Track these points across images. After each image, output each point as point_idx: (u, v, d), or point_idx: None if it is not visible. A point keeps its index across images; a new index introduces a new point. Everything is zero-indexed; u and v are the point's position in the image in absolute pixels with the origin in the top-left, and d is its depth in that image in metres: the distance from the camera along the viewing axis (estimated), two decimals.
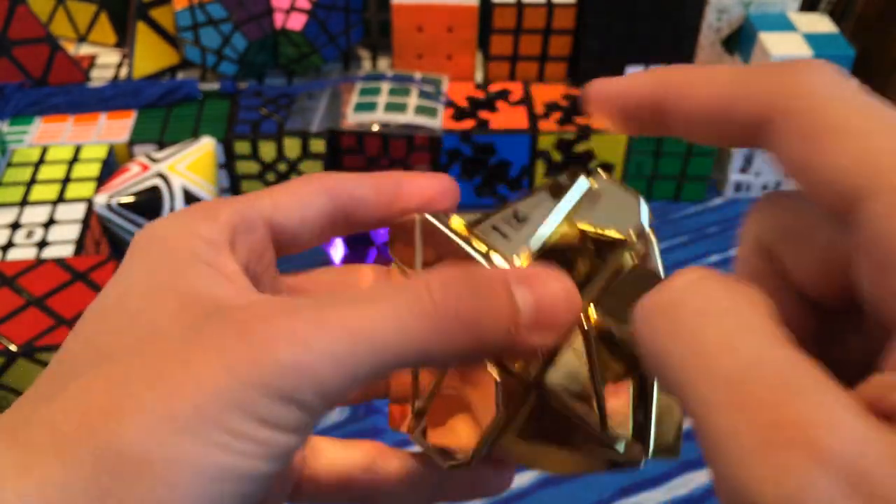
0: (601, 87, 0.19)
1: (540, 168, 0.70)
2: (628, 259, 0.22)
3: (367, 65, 0.78)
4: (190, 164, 0.63)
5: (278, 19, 0.69)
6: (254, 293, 0.19)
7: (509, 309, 0.19)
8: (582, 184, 0.23)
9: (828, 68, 0.16)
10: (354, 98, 0.69)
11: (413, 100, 0.69)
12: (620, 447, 0.22)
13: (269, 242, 0.22)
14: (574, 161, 0.70)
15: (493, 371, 0.22)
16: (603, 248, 0.23)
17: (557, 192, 0.23)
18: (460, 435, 0.23)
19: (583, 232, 0.23)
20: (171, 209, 0.60)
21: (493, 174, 0.71)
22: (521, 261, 0.22)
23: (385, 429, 0.31)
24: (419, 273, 0.24)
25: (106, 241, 0.62)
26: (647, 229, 0.23)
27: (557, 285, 0.20)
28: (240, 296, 0.19)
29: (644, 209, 0.23)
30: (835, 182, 0.15)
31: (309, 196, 0.23)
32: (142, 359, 0.17)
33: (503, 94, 0.72)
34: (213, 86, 0.72)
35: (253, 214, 0.21)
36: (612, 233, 0.23)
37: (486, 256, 0.22)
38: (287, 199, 0.22)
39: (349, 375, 0.17)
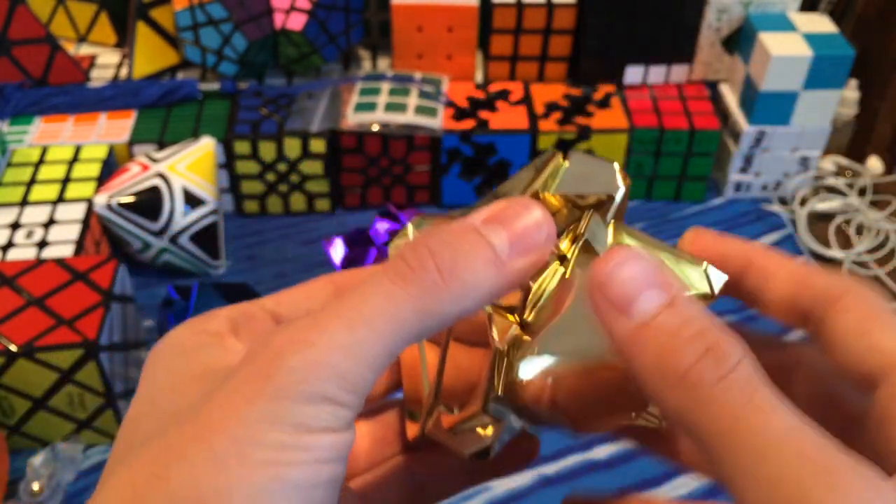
0: (700, 237, 0.24)
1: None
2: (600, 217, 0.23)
3: (367, 65, 0.78)
4: (190, 164, 0.63)
5: (278, 19, 0.69)
6: None
7: (485, 248, 0.19)
8: (556, 160, 0.24)
9: (868, 288, 0.22)
10: (354, 98, 0.69)
11: (413, 100, 0.69)
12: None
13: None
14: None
15: (486, 308, 0.22)
16: (581, 212, 0.24)
17: (533, 171, 0.24)
18: (473, 405, 0.23)
19: (561, 198, 0.24)
20: (171, 209, 0.60)
21: (493, 174, 0.71)
22: None
23: None
24: None
25: (106, 241, 0.62)
26: (621, 192, 0.24)
27: (524, 210, 0.20)
28: None
29: (618, 174, 0.24)
30: (877, 352, 0.20)
31: (313, 290, 0.23)
32: (176, 426, 0.18)
33: (503, 94, 0.72)
34: (213, 86, 0.72)
35: (253, 309, 0.22)
36: (589, 196, 0.24)
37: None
38: (291, 294, 0.23)
39: (363, 358, 0.18)
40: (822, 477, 0.16)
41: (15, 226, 0.58)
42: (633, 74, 0.73)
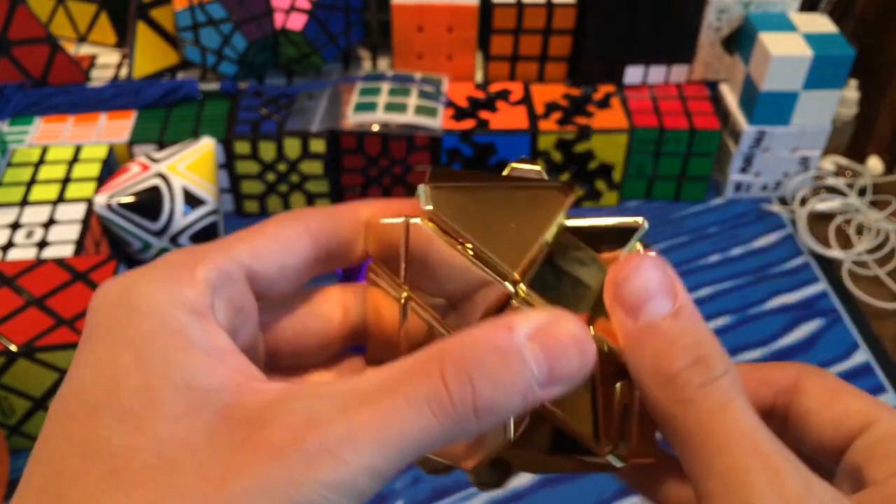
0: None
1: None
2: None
3: (367, 65, 0.78)
4: (190, 164, 0.63)
5: (278, 19, 0.69)
6: (256, 381, 0.19)
7: (524, 381, 0.19)
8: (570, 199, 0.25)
9: (816, 369, 0.24)
10: (354, 98, 0.69)
11: (413, 100, 0.69)
12: (614, 461, 0.22)
13: (250, 293, 0.22)
14: (574, 161, 0.70)
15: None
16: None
17: (544, 199, 0.24)
18: (463, 453, 0.23)
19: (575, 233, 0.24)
20: (171, 209, 0.60)
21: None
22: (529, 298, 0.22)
23: None
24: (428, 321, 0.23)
25: (106, 241, 0.62)
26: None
27: (568, 337, 0.19)
28: (244, 386, 0.19)
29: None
30: (851, 413, 0.23)
31: (290, 241, 0.22)
32: (168, 484, 0.17)
33: (503, 94, 0.72)
34: (213, 86, 0.72)
35: (230, 266, 0.21)
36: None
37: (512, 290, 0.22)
38: (266, 244, 0.22)
39: (383, 478, 0.18)
40: (766, 472, 0.19)
41: (15, 226, 0.58)
42: (633, 74, 0.73)
